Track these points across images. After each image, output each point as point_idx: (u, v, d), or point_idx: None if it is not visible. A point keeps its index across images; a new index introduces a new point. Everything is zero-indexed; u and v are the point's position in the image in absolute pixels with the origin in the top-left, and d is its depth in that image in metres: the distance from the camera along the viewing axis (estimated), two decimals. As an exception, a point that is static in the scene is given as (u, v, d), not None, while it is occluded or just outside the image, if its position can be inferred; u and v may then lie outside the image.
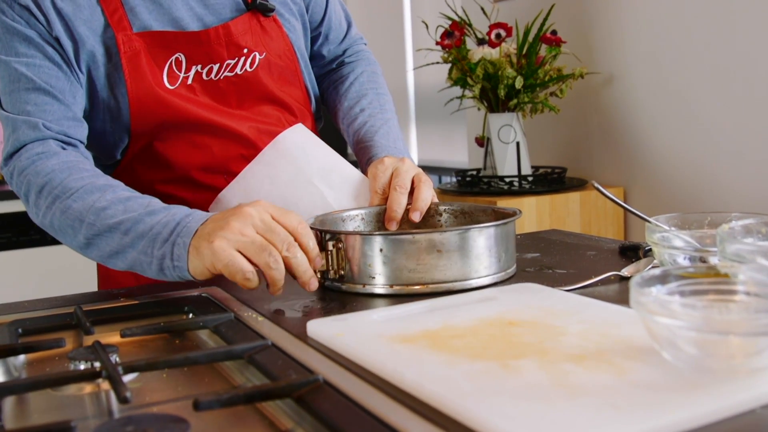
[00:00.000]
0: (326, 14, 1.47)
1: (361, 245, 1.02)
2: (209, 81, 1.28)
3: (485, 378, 0.66)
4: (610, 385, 0.63)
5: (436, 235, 1.01)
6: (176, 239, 1.01)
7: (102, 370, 0.74)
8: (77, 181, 1.11)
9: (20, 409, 0.77)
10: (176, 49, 1.24)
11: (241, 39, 1.29)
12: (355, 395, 0.67)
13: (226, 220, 0.98)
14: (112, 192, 1.09)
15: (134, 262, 1.06)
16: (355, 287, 1.04)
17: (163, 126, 1.25)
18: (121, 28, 1.21)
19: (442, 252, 1.01)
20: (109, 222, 1.06)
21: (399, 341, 0.78)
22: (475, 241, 1.02)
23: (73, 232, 1.10)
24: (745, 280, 0.71)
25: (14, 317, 0.98)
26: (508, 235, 1.07)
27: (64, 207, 1.10)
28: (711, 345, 0.64)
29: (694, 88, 2.26)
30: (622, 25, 2.48)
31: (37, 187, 1.13)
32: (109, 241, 1.07)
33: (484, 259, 1.03)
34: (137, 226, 1.05)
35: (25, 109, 1.18)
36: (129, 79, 1.21)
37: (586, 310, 0.85)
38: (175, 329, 0.94)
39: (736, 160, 2.17)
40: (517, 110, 2.48)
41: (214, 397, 0.66)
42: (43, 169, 1.14)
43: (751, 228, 0.89)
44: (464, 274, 1.02)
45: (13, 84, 1.19)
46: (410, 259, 1.01)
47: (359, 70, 1.51)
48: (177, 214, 1.05)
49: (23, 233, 3.03)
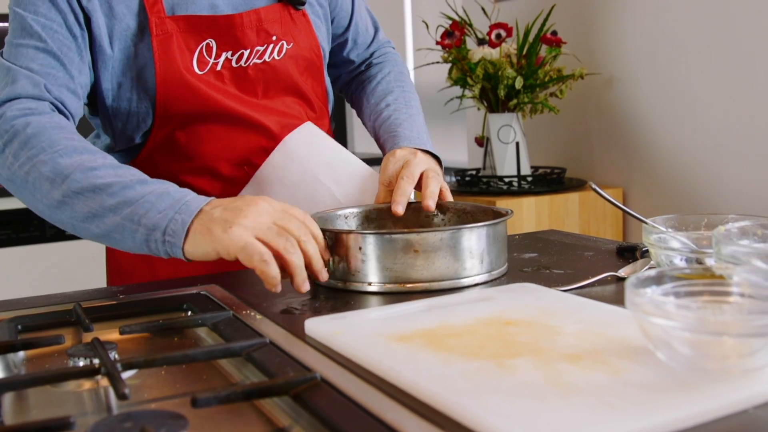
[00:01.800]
0: (352, 19, 1.50)
1: (344, 242, 1.05)
2: (238, 68, 1.29)
3: (481, 377, 0.66)
4: (605, 384, 0.64)
5: (413, 236, 1.02)
6: (174, 215, 0.99)
7: (101, 367, 0.75)
8: (68, 140, 1.08)
9: (20, 405, 0.77)
10: (208, 34, 1.26)
11: (270, 26, 1.30)
12: (352, 393, 0.68)
13: (239, 208, 0.99)
14: (103, 158, 1.07)
15: (112, 228, 1.02)
16: (337, 283, 1.07)
17: (188, 113, 1.26)
18: (155, 11, 1.22)
19: (419, 252, 1.02)
20: (95, 182, 1.02)
21: (396, 340, 0.78)
22: (454, 243, 1.03)
23: (50, 187, 1.04)
24: (740, 281, 0.72)
25: (14, 314, 0.99)
26: (494, 236, 1.08)
27: (48, 160, 1.05)
28: (705, 346, 0.64)
29: (694, 89, 2.26)
30: (623, 26, 2.48)
31: (24, 137, 1.08)
32: (90, 202, 1.02)
33: (464, 260, 1.04)
34: (126, 191, 1.02)
35: (29, 66, 1.15)
36: (158, 61, 1.22)
37: (583, 310, 0.85)
38: (174, 327, 0.94)
39: (736, 160, 2.17)
40: (517, 110, 2.48)
41: (212, 394, 0.66)
42: (33, 122, 1.09)
43: (747, 230, 0.90)
44: (442, 275, 1.03)
45: (23, 38, 1.16)
46: (388, 258, 1.02)
47: (386, 70, 1.54)
48: (171, 188, 1.03)
49: (23, 230, 3.03)
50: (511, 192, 2.42)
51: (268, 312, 0.97)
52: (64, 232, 3.09)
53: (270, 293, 1.02)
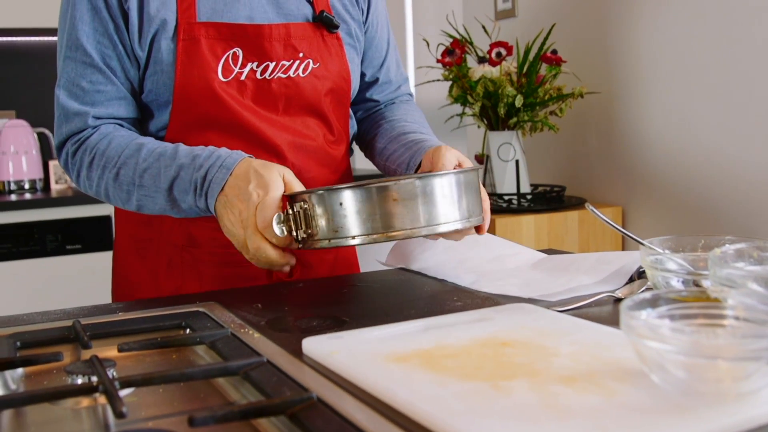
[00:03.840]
0: (385, 61, 1.52)
1: (322, 201, 1.06)
2: (262, 80, 1.30)
3: (475, 398, 0.67)
4: (599, 407, 0.64)
5: (391, 184, 1.04)
6: (207, 188, 1.16)
7: (99, 385, 0.75)
8: (116, 148, 1.24)
9: (18, 423, 0.77)
10: (235, 43, 1.27)
11: (298, 43, 1.32)
12: (347, 414, 0.68)
13: (231, 209, 1.13)
14: (146, 149, 1.23)
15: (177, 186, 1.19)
16: (321, 242, 1.08)
17: (203, 120, 1.27)
18: (186, 16, 1.25)
19: (398, 200, 1.03)
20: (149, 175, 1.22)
21: (393, 360, 0.78)
22: (432, 189, 1.05)
23: (127, 197, 1.25)
24: (735, 304, 0.72)
25: (13, 330, 0.99)
26: (466, 184, 1.10)
27: (113, 176, 1.24)
28: (699, 369, 0.65)
29: (694, 108, 2.27)
30: (622, 45, 2.49)
31: (87, 162, 1.26)
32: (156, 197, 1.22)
33: (443, 206, 1.06)
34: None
35: (80, 85, 1.27)
36: (180, 65, 1.24)
37: (579, 331, 0.86)
38: (172, 344, 0.94)
39: (736, 180, 2.18)
40: (517, 128, 2.49)
41: (209, 414, 0.66)
42: (88, 146, 1.27)
43: (743, 252, 0.90)
44: (425, 221, 1.05)
45: (71, 51, 1.27)
46: (367, 210, 1.04)
47: (405, 107, 1.55)
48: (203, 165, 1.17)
49: (23, 244, 3.04)
50: (510, 210, 2.43)
51: (266, 330, 0.97)
52: (65, 246, 3.10)
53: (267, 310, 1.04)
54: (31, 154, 3.40)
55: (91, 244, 3.14)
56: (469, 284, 1.17)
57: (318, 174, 1.36)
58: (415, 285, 1.20)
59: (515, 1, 2.91)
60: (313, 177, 1.35)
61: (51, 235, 3.07)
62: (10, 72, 3.55)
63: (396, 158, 1.38)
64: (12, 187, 3.38)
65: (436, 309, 1.04)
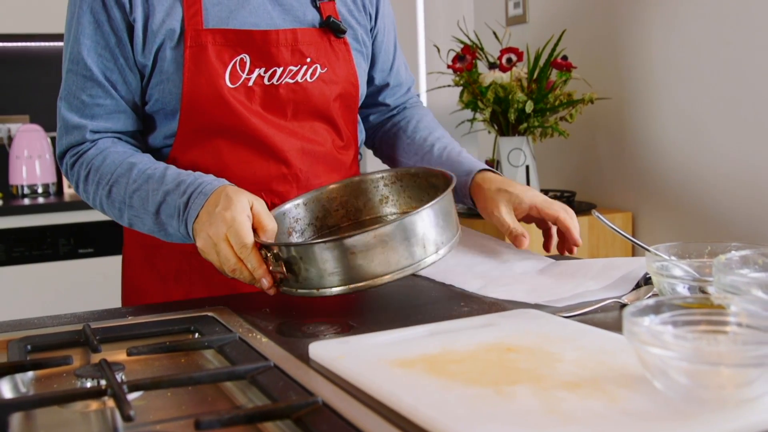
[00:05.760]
0: (394, 65, 1.53)
1: (286, 255, 1.07)
2: (270, 86, 1.30)
3: (479, 403, 0.67)
4: (602, 413, 0.65)
5: (347, 240, 1.02)
6: (187, 215, 1.16)
7: (107, 388, 0.76)
8: (110, 165, 1.25)
9: (27, 426, 0.78)
10: (242, 49, 1.28)
11: (305, 48, 1.32)
12: (352, 418, 0.69)
13: (207, 229, 1.12)
14: (137, 170, 1.23)
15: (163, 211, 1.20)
16: (291, 290, 1.09)
17: (211, 128, 1.28)
18: (193, 23, 1.26)
19: (356, 254, 1.02)
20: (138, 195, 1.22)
21: (398, 365, 0.79)
22: (388, 237, 1.03)
23: (119, 215, 1.26)
24: (738, 311, 0.73)
25: (24, 334, 1.00)
26: (435, 216, 1.07)
27: (106, 193, 1.25)
28: (702, 375, 0.65)
29: (705, 114, 2.27)
30: (632, 51, 2.49)
31: (83, 176, 1.29)
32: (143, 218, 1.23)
33: (406, 248, 1.04)
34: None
35: (80, 98, 1.28)
36: (188, 72, 1.25)
37: (584, 337, 0.86)
38: (181, 349, 0.95)
39: (746, 188, 2.17)
40: (527, 134, 2.49)
41: (215, 417, 0.67)
42: (84, 160, 1.28)
43: (748, 259, 0.90)
44: (386, 269, 1.04)
45: (72, 64, 1.28)
46: (328, 264, 1.04)
47: (421, 112, 1.56)
48: (186, 192, 1.18)
49: (36, 248, 3.06)
50: (520, 215, 2.42)
51: (273, 335, 0.98)
52: (77, 249, 3.12)
53: (275, 315, 1.05)
54: (45, 159, 3.43)
55: (103, 248, 3.16)
56: (476, 290, 1.18)
57: (327, 180, 1.37)
58: (422, 290, 1.21)
59: (526, 7, 2.91)
60: (322, 183, 1.36)
61: (64, 239, 3.09)
62: (23, 77, 3.58)
63: None
64: (25, 191, 3.40)
65: (443, 314, 1.04)
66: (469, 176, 1.35)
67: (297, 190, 1.34)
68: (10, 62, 3.57)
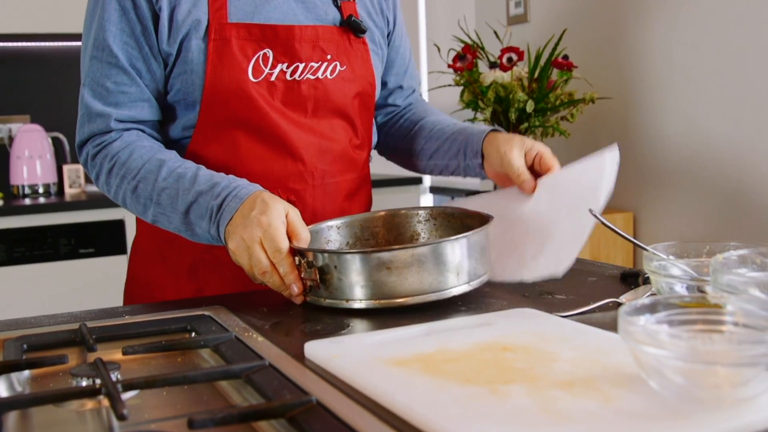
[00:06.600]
0: (409, 68, 1.55)
1: (321, 261, 1.07)
2: (292, 81, 1.31)
3: (473, 403, 0.67)
4: (596, 412, 0.64)
5: (385, 254, 1.03)
6: (219, 218, 1.16)
7: (102, 387, 0.76)
8: (137, 160, 1.25)
9: (23, 424, 0.78)
10: (266, 44, 1.29)
11: (326, 45, 1.33)
12: (346, 417, 0.68)
13: (241, 232, 1.11)
14: (166, 168, 1.23)
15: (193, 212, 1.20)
16: (319, 300, 1.09)
17: (230, 121, 1.28)
18: (217, 17, 1.26)
19: (392, 269, 1.03)
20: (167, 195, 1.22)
21: (393, 364, 0.79)
22: (426, 258, 1.04)
23: (143, 210, 1.26)
24: (734, 310, 0.72)
25: (20, 333, 1.00)
26: (470, 247, 1.08)
27: (131, 188, 1.25)
28: (697, 375, 0.65)
29: (705, 114, 2.27)
30: (634, 50, 2.49)
31: (107, 169, 1.27)
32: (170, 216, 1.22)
33: (438, 274, 1.05)
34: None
35: (105, 85, 1.27)
36: (210, 65, 1.25)
37: (580, 336, 0.86)
38: (176, 348, 0.95)
39: (748, 188, 2.17)
40: (528, 134, 2.49)
41: (209, 416, 0.67)
42: (109, 152, 1.27)
43: (746, 258, 0.90)
44: (417, 290, 1.04)
45: (97, 51, 1.27)
46: (362, 276, 1.04)
47: (425, 105, 1.59)
48: (219, 194, 1.17)
49: (37, 248, 3.06)
50: (521, 215, 2.42)
51: (269, 334, 0.98)
52: (78, 249, 3.12)
53: (272, 314, 1.05)
54: (45, 159, 3.43)
55: (104, 248, 3.16)
56: None
57: (342, 178, 1.39)
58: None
59: (527, 7, 2.91)
60: (338, 181, 1.37)
61: (64, 239, 3.09)
62: (24, 77, 3.58)
63: (443, 153, 1.43)
64: (26, 191, 3.41)
65: (440, 314, 1.04)
66: (484, 132, 1.37)
67: (312, 188, 1.35)
68: (10, 62, 3.57)
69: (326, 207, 1.36)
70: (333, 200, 1.38)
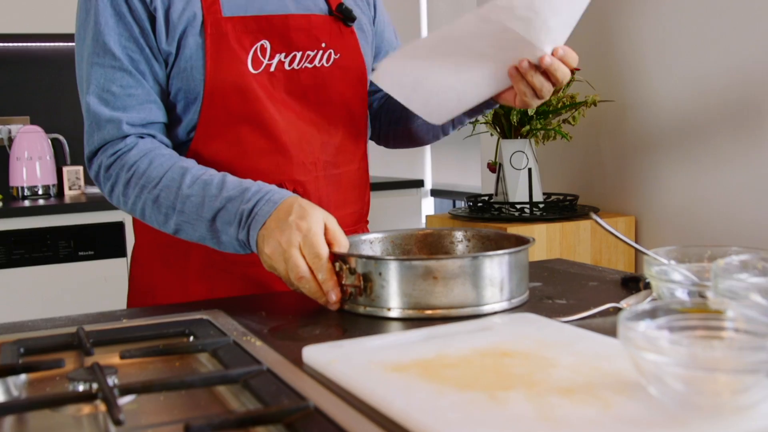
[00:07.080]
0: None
1: (365, 268, 1.06)
2: (291, 71, 1.32)
3: (472, 408, 0.67)
4: (595, 419, 0.64)
5: (433, 263, 1.03)
6: (250, 223, 1.15)
7: (98, 392, 0.75)
8: (157, 169, 1.22)
9: (19, 429, 0.78)
10: (262, 35, 1.29)
11: (319, 33, 1.34)
12: (344, 423, 0.68)
13: (278, 236, 1.10)
14: (190, 175, 1.21)
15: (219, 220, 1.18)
16: (358, 308, 1.07)
17: (232, 116, 1.28)
18: (212, 12, 1.26)
19: (438, 279, 1.02)
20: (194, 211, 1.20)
21: (392, 369, 0.78)
22: (473, 270, 1.04)
23: (164, 220, 1.23)
24: (735, 316, 0.72)
25: (17, 336, 1.00)
26: (514, 264, 1.08)
27: (152, 197, 1.22)
28: (698, 382, 0.64)
29: (708, 117, 2.26)
30: (636, 53, 2.49)
31: (124, 180, 1.24)
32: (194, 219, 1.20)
33: (483, 288, 1.04)
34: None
35: (111, 90, 1.26)
36: (210, 60, 1.26)
37: (580, 342, 0.85)
38: (174, 352, 0.95)
39: (750, 191, 2.16)
40: (530, 137, 2.49)
41: (206, 422, 0.66)
42: (126, 162, 1.24)
43: (747, 263, 0.89)
44: (461, 302, 1.04)
45: (98, 57, 1.26)
46: (407, 284, 1.03)
47: None
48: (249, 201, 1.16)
49: (36, 250, 3.05)
50: (522, 219, 2.42)
51: (268, 338, 0.97)
52: (77, 252, 3.11)
53: (271, 319, 1.04)
54: (45, 160, 3.43)
55: (104, 250, 3.15)
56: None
57: (343, 169, 1.39)
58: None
59: (528, 10, 2.91)
60: (340, 173, 1.38)
61: (64, 241, 3.09)
62: (24, 78, 3.58)
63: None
64: (26, 192, 3.41)
65: (438, 319, 1.03)
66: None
67: (316, 179, 1.35)
68: (10, 63, 3.57)
69: (331, 198, 1.36)
70: (337, 191, 1.38)
